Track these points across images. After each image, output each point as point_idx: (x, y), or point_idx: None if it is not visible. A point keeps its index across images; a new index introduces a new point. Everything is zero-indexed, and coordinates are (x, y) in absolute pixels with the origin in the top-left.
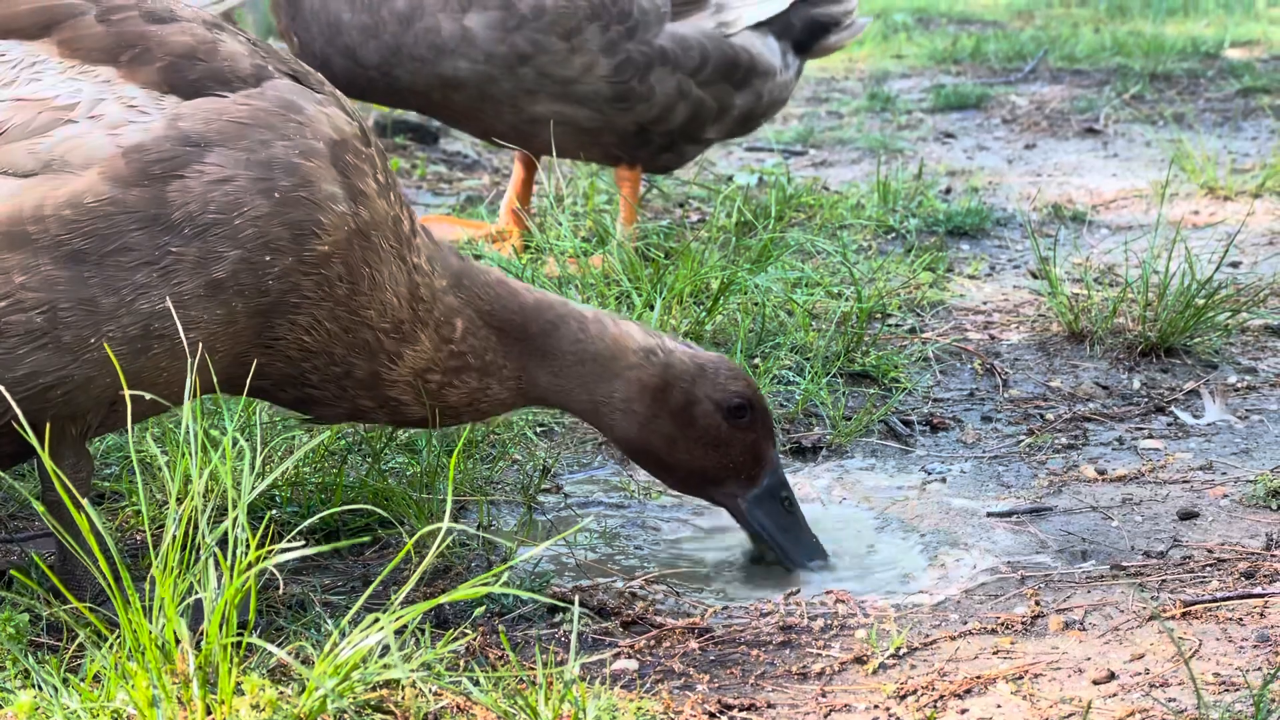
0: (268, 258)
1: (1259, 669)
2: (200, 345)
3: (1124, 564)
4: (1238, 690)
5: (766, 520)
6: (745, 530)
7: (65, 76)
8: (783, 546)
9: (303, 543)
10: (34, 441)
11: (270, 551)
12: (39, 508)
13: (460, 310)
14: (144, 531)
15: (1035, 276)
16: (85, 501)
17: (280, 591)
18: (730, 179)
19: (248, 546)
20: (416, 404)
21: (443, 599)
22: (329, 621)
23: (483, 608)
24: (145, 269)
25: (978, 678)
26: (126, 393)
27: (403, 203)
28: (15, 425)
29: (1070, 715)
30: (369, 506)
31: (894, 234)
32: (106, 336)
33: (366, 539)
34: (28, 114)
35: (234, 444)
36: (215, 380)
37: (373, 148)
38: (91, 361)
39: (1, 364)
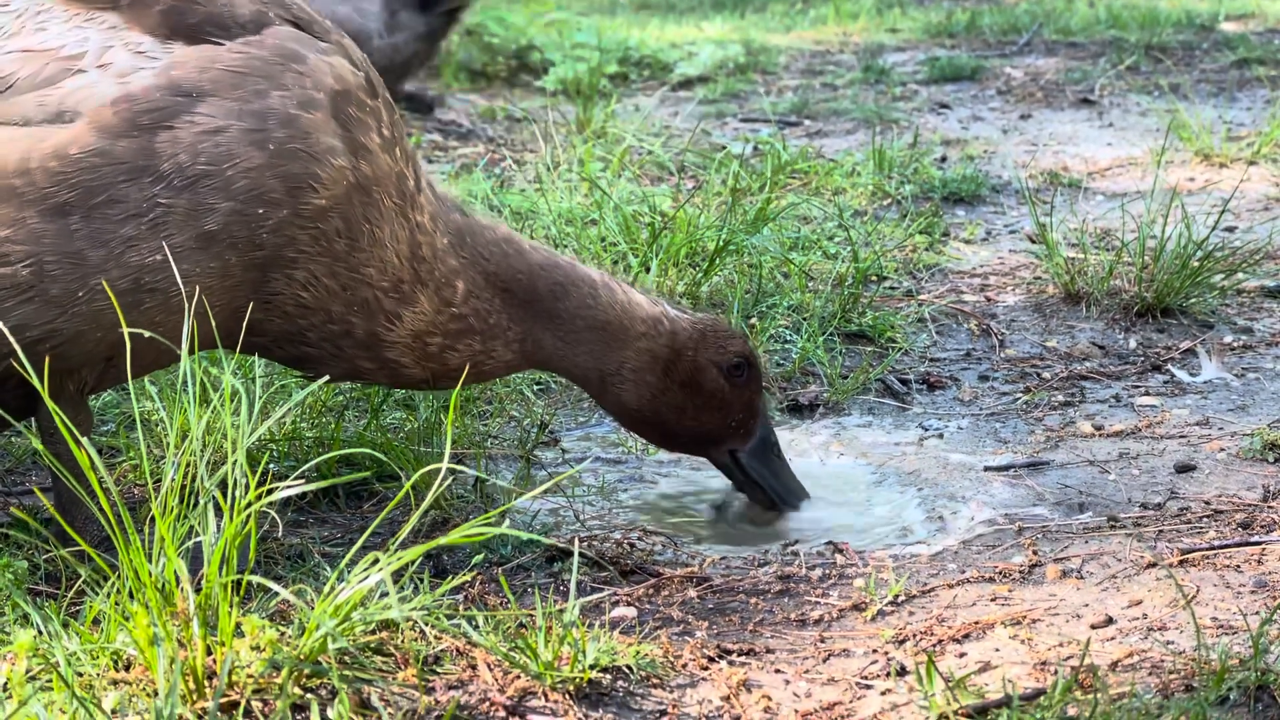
0: (261, 210)
1: (1257, 613)
2: (194, 299)
3: (1121, 515)
4: (1236, 633)
5: (764, 469)
6: (736, 483)
7: (71, 25)
8: (777, 491)
9: (303, 482)
10: (36, 383)
11: (270, 489)
12: (39, 446)
13: (462, 271)
14: (143, 485)
15: (1032, 240)
16: (86, 441)
17: (279, 542)
18: (725, 148)
19: (246, 488)
20: (416, 366)
21: (442, 540)
22: (328, 570)
23: (481, 555)
24: (133, 221)
25: (976, 623)
26: (127, 336)
27: (409, 157)
28: (14, 375)
29: (1069, 657)
30: (367, 450)
31: (889, 200)
32: (95, 290)
33: (364, 477)
34: (35, 65)
35: (232, 391)
36: (213, 334)
37: (380, 99)
38: (80, 315)
39: None
